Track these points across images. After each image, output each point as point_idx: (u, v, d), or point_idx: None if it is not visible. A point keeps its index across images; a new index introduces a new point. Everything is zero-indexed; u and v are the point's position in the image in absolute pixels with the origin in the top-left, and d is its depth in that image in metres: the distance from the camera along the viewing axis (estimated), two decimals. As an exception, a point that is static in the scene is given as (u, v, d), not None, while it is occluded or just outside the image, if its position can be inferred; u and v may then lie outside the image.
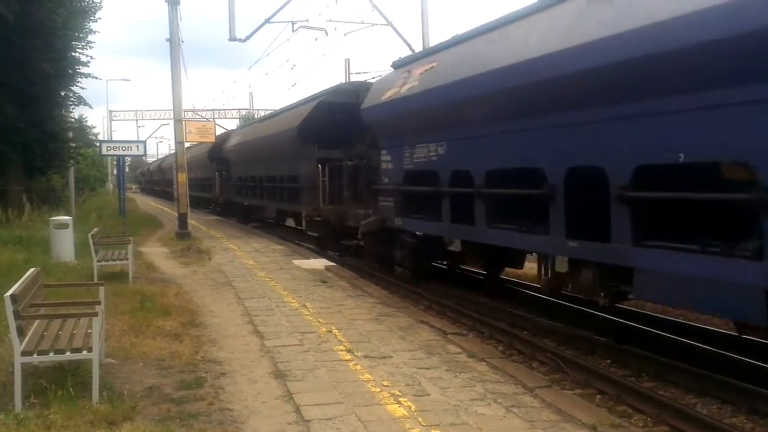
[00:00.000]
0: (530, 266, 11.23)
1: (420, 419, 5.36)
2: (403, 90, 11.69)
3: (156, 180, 69.51)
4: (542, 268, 8.75)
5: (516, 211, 9.01)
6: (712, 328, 8.77)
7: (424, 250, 12.40)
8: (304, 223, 20.01)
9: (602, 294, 7.54)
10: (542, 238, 8.19)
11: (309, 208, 17.77)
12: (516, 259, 10.87)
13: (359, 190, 14.62)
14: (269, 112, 32.39)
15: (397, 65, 13.30)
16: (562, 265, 8.16)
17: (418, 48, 20.05)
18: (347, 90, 16.74)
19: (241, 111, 59.54)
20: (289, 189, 20.05)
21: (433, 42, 18.23)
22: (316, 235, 18.53)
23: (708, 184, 5.90)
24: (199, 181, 38.85)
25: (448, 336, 8.34)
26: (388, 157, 12.75)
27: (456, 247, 11.41)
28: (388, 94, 12.44)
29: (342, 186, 15.61)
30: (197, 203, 39.69)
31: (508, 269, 12.25)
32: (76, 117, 33.40)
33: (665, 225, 6.49)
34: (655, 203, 6.56)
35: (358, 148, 14.98)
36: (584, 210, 7.45)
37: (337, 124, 16.19)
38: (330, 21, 23.04)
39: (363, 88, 15.64)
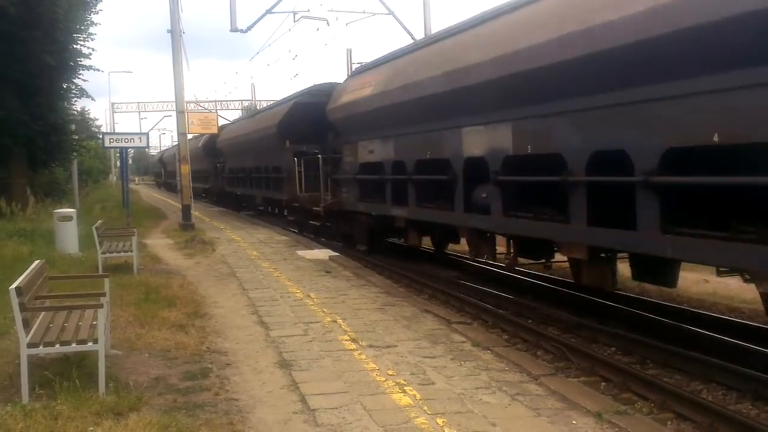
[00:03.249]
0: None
1: (425, 408, 5.37)
2: (362, 93, 13.83)
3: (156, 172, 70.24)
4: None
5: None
6: (717, 315, 8.77)
7: (377, 229, 14.68)
8: (285, 209, 23.10)
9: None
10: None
11: (288, 196, 20.03)
12: (453, 235, 12.12)
13: (326, 179, 16.82)
14: (272, 102, 33.23)
15: (351, 75, 16.16)
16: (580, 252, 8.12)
17: (420, 36, 19.97)
18: (321, 91, 18.42)
19: (244, 102, 59.41)
20: (274, 179, 22.30)
21: (435, 30, 18.17)
22: (293, 218, 21.61)
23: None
24: (196, 173, 39.57)
25: (452, 325, 8.35)
26: (348, 151, 15.21)
27: (400, 224, 13.19)
28: (346, 98, 14.79)
29: (317, 176, 17.31)
30: (195, 194, 40.24)
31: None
32: (79, 109, 33.39)
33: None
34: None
35: (331, 143, 16.76)
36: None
37: (313, 122, 17.96)
38: (331, 11, 23.05)
39: (335, 89, 17.09)
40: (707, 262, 6.49)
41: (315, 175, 17.49)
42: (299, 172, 18.50)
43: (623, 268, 8.67)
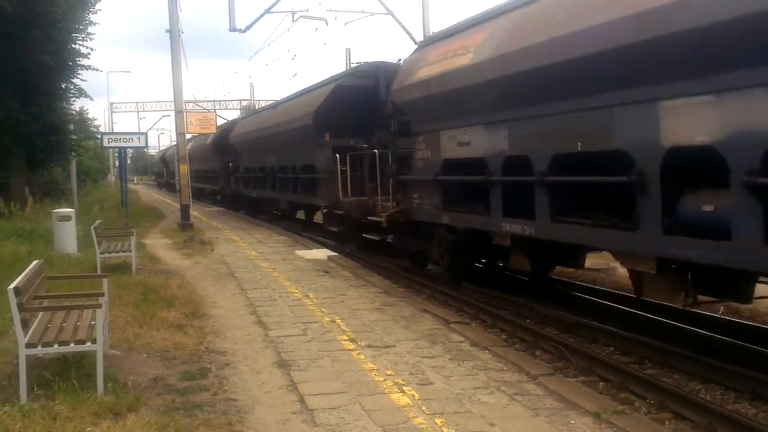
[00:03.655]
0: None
1: (424, 408, 5.38)
2: (455, 63, 10.11)
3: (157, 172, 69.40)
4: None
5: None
6: (715, 315, 8.77)
7: (465, 247, 11.09)
8: (322, 216, 18.41)
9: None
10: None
11: (327, 201, 16.51)
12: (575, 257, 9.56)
13: (385, 181, 13.52)
14: (271, 102, 31.29)
15: (426, 43, 12.54)
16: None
17: (420, 38, 19.96)
18: (366, 72, 15.80)
19: (242, 102, 59.45)
20: (305, 180, 19.01)
21: (433, 30, 18.09)
22: (335, 229, 17.10)
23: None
24: (203, 173, 38.15)
25: (450, 325, 8.35)
26: (423, 144, 11.51)
27: (503, 242, 9.58)
28: (425, 72, 11.12)
29: (363, 176, 14.89)
30: (200, 195, 39.54)
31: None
32: (77, 109, 33.46)
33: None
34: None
35: (380, 135, 14.26)
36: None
37: (357, 110, 15.46)
38: (330, 11, 22.92)
39: (384, 69, 15.06)
40: None
41: (359, 176, 15.07)
42: (342, 172, 15.26)
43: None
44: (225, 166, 31.72)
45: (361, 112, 15.20)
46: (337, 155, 15.33)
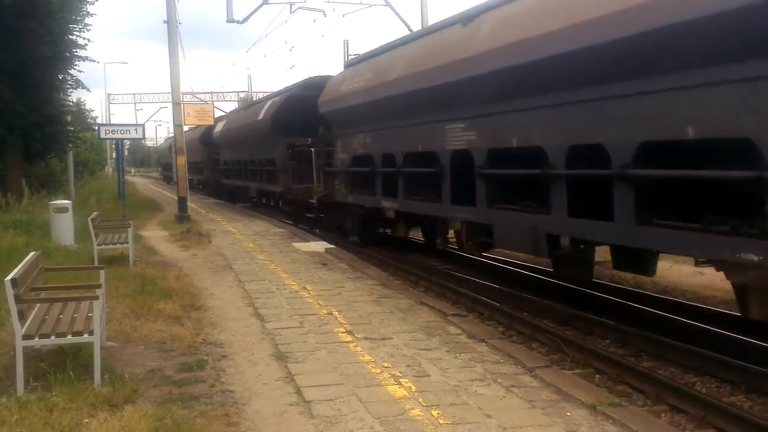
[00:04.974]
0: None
1: (420, 400, 5.39)
2: (358, 84, 13.79)
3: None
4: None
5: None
6: (711, 308, 8.80)
7: (368, 220, 14.93)
8: (279, 200, 23.62)
9: None
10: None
11: (283, 188, 20.39)
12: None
13: (318, 171, 16.91)
14: (266, 94, 33.54)
15: (348, 64, 16.40)
16: None
17: (417, 28, 19.92)
18: (315, 84, 18.34)
19: (240, 93, 59.30)
20: (268, 171, 22.60)
21: (432, 22, 18.11)
22: (288, 210, 21.86)
23: None
24: (192, 165, 39.59)
25: (448, 317, 8.36)
26: (339, 143, 15.46)
27: (390, 215, 13.63)
28: (343, 89, 14.69)
29: (310, 168, 17.44)
30: (190, 186, 40.22)
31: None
32: (74, 100, 33.36)
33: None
34: None
35: (324, 135, 16.88)
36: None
37: (306, 114, 18.01)
38: (328, 2, 22.85)
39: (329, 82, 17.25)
40: None
41: (308, 168, 17.36)
42: (293, 165, 18.62)
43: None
44: (210, 158, 35.60)
45: (309, 117, 17.75)
46: (290, 151, 18.90)
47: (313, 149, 17.06)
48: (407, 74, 11.37)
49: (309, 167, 17.38)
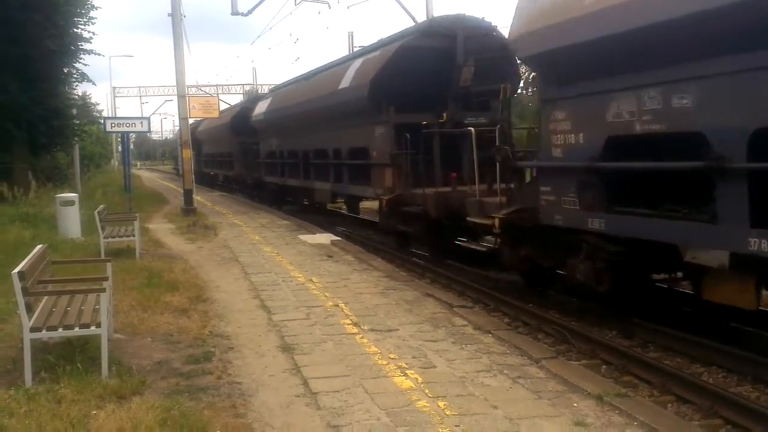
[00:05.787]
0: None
1: (427, 391, 5.40)
2: None
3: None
4: None
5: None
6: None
7: (633, 265, 7.58)
8: (379, 213, 14.38)
9: None
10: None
11: (387, 192, 12.96)
12: None
13: (482, 168, 10.27)
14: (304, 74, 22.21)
15: None
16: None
17: (421, 19, 19.84)
18: (441, 28, 12.58)
19: (245, 86, 59.28)
20: (353, 167, 15.41)
21: (437, 13, 17.96)
22: (403, 229, 12.95)
23: None
24: (216, 157, 35.03)
25: (454, 309, 8.37)
26: (563, 113, 7.85)
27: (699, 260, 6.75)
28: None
29: (456, 161, 11.98)
30: (212, 183, 37.21)
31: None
32: (80, 94, 33.46)
33: None
34: None
35: (453, 110, 11.77)
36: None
37: (427, 78, 12.51)
38: (333, -7, 22.77)
39: (463, 25, 12.39)
40: None
41: (428, 161, 12.08)
42: (407, 156, 12.28)
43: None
44: (242, 149, 27.85)
45: (432, 81, 12.42)
46: (407, 135, 12.10)
47: (471, 129, 10.55)
48: None
49: (428, 160, 11.88)
